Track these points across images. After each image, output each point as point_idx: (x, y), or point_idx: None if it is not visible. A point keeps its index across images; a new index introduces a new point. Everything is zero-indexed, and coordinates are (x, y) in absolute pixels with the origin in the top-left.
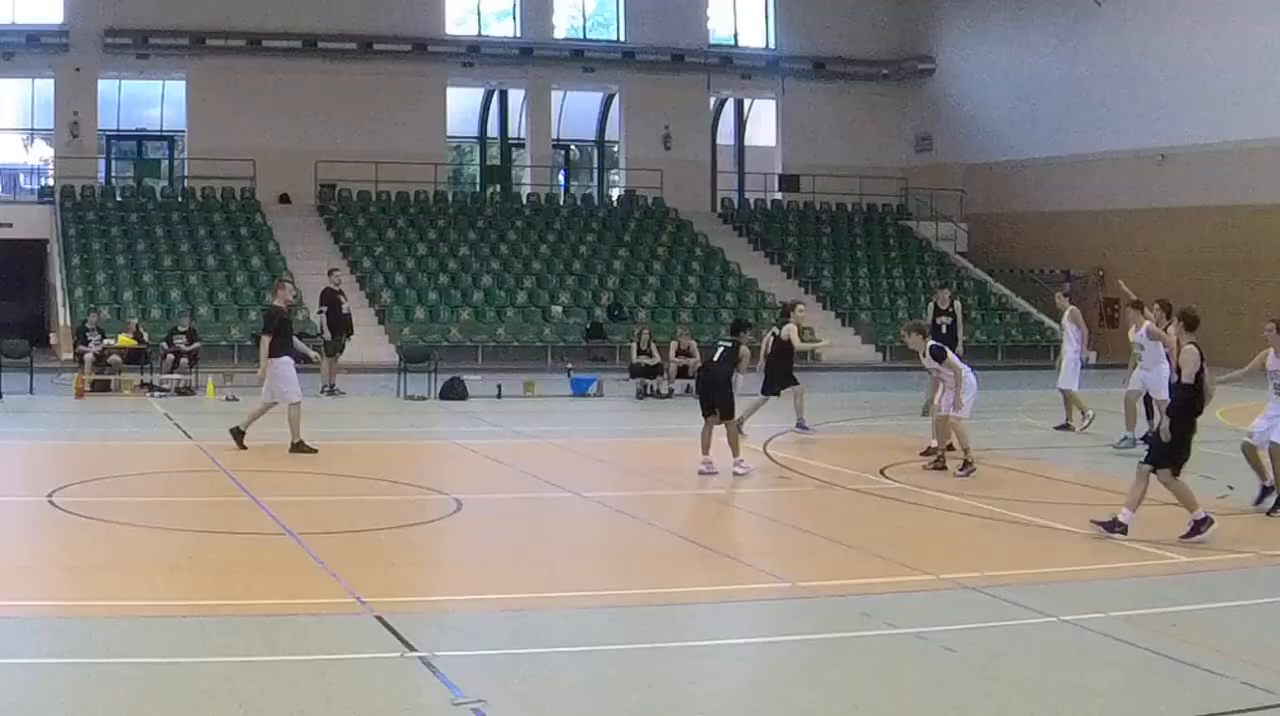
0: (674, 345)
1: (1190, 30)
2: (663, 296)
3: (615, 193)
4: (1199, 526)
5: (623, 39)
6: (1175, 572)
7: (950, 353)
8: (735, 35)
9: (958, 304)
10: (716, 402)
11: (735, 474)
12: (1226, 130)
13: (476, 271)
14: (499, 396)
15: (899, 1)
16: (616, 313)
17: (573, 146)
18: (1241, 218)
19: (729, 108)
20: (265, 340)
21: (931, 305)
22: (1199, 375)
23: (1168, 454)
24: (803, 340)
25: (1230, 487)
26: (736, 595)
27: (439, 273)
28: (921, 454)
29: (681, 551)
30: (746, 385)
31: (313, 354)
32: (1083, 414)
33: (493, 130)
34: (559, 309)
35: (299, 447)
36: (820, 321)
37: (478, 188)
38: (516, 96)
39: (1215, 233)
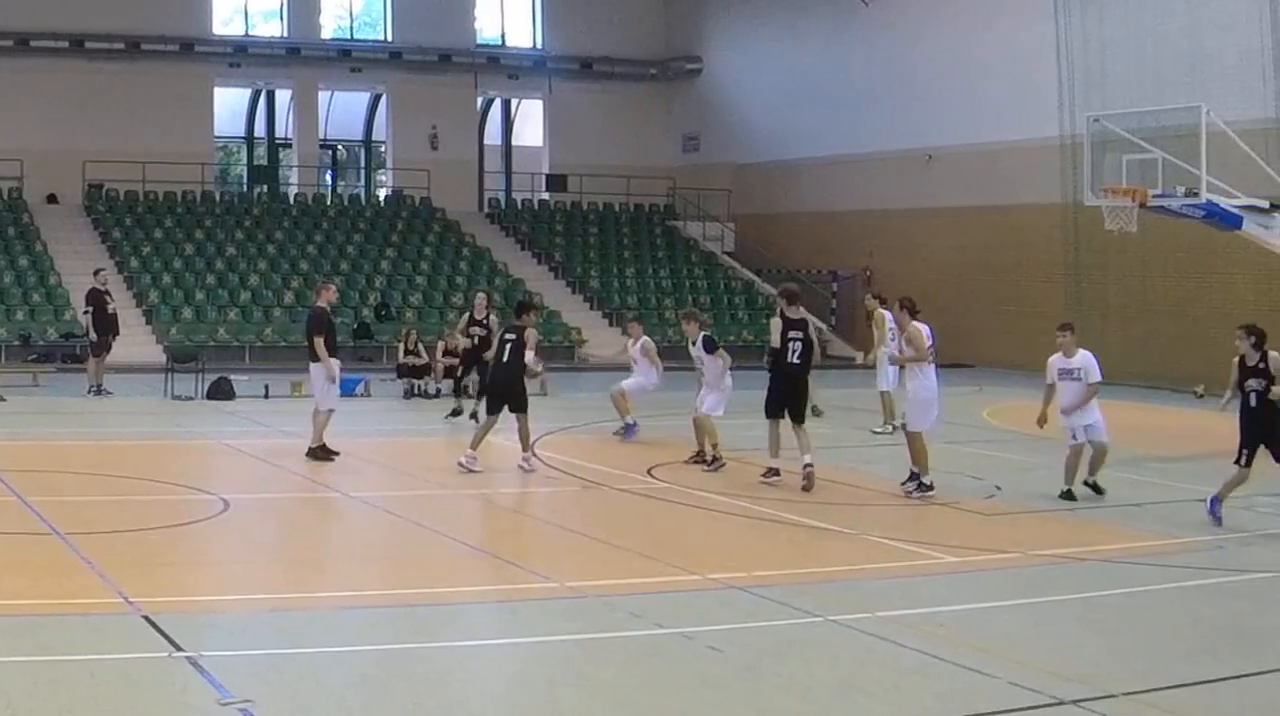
0: (441, 345)
1: (957, 31)
2: (430, 296)
3: (383, 192)
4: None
5: (390, 39)
6: (942, 572)
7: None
8: (503, 35)
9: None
10: (508, 400)
11: (520, 468)
12: (993, 131)
13: (244, 271)
14: (266, 396)
15: (666, 2)
16: (384, 313)
17: (340, 146)
18: (1007, 218)
19: (496, 107)
20: (319, 341)
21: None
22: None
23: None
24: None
25: (998, 487)
26: (503, 595)
27: (206, 273)
28: (688, 461)
29: (448, 551)
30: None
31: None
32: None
33: (260, 130)
34: None
35: (318, 453)
36: (587, 321)
37: (245, 187)
38: (284, 96)
39: (982, 232)
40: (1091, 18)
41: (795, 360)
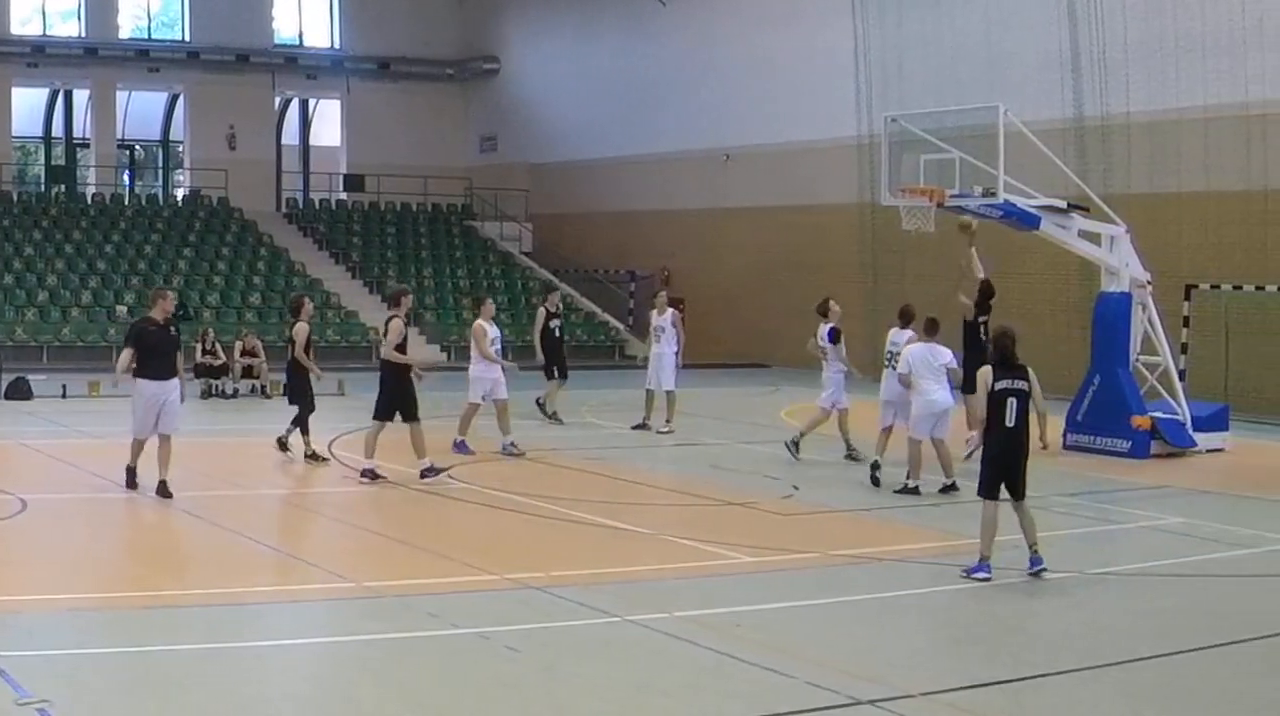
0: (239, 345)
1: (755, 32)
2: (227, 296)
3: (180, 192)
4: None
5: (188, 39)
6: (739, 572)
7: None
8: (300, 35)
9: (560, 307)
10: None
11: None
12: (792, 131)
13: (41, 271)
14: (64, 396)
15: (463, 2)
16: (181, 313)
17: (138, 146)
18: (806, 218)
19: (294, 107)
20: (124, 354)
21: (542, 309)
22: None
23: None
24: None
25: (795, 488)
26: (301, 595)
27: (3, 273)
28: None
29: (246, 552)
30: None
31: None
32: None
33: (57, 130)
34: (124, 309)
35: (131, 474)
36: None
37: (42, 187)
38: (82, 96)
39: (780, 232)
40: (890, 18)
41: None
